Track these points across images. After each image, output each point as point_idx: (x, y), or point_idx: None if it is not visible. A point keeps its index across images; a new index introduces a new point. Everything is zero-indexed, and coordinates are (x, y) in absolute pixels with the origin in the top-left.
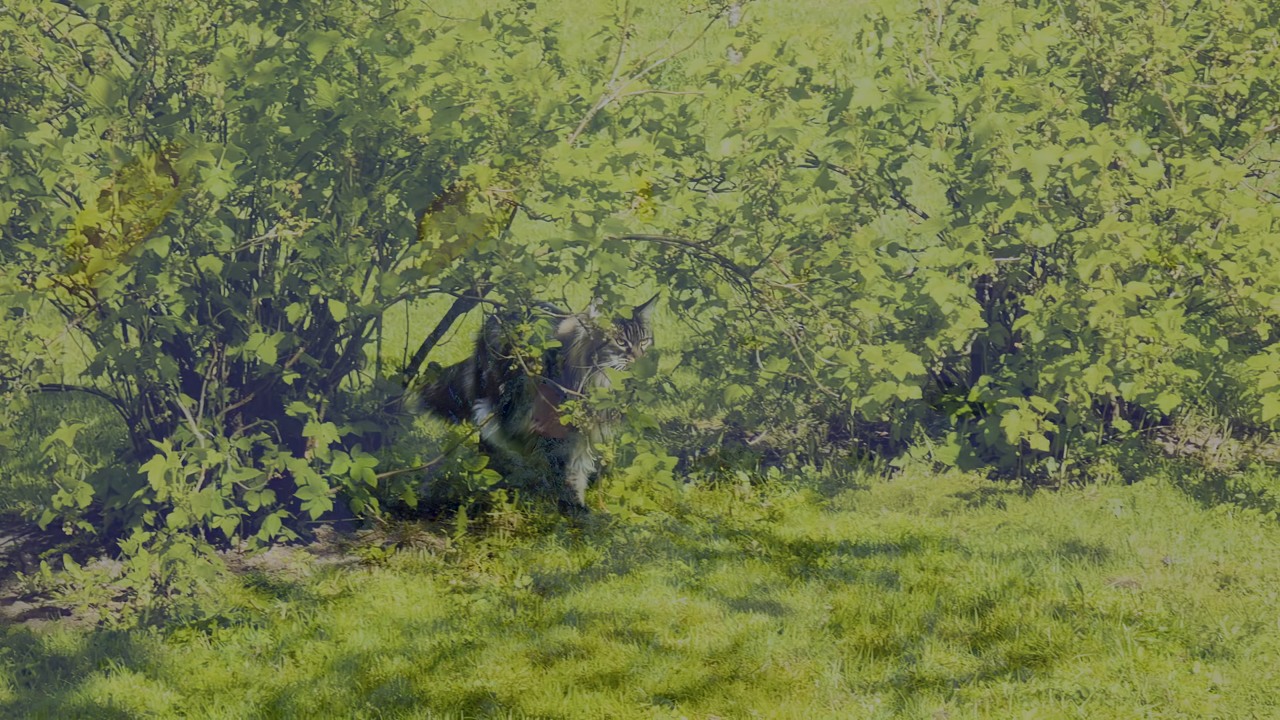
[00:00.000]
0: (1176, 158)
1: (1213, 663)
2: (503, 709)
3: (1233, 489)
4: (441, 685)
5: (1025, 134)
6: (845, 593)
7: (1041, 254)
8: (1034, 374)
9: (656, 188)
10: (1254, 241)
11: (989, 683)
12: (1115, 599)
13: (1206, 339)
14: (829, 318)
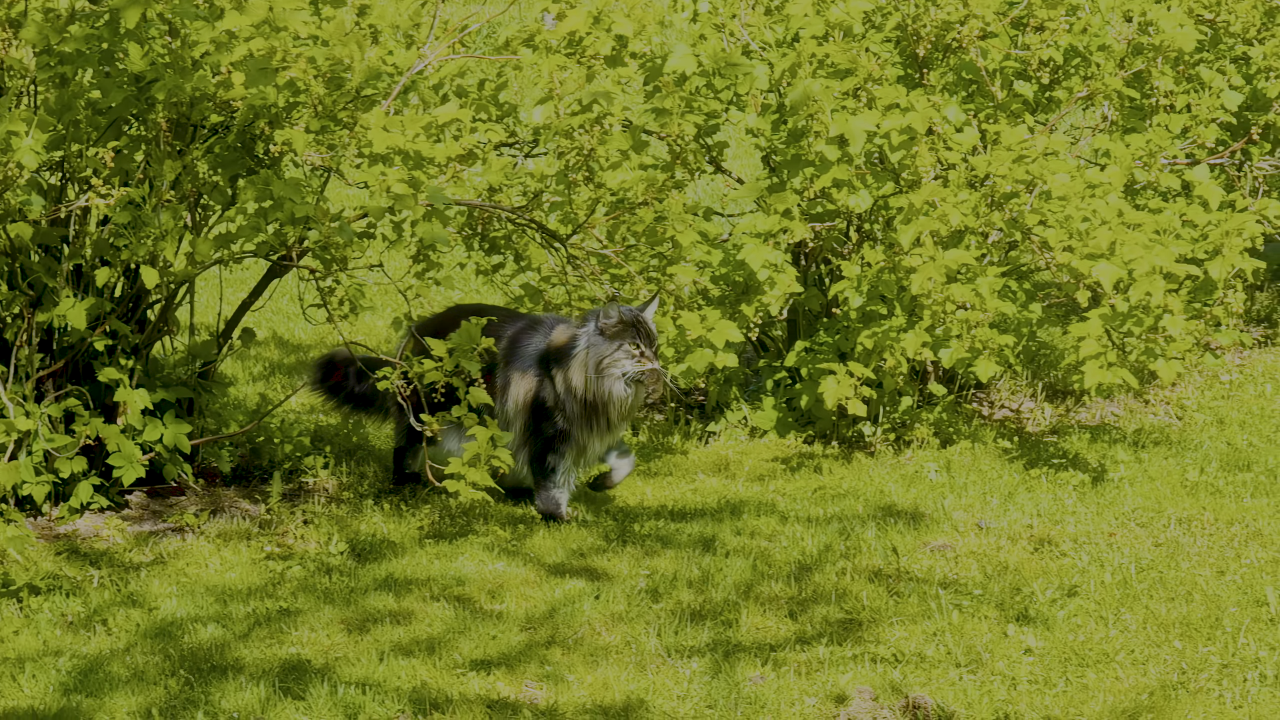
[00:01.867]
0: (991, 124)
1: (1027, 625)
2: (318, 676)
3: (1047, 453)
4: (256, 652)
5: (842, 100)
6: (662, 558)
7: (858, 219)
8: (851, 339)
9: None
10: (1073, 209)
11: (806, 647)
12: (931, 563)
13: (1022, 304)
14: (645, 283)
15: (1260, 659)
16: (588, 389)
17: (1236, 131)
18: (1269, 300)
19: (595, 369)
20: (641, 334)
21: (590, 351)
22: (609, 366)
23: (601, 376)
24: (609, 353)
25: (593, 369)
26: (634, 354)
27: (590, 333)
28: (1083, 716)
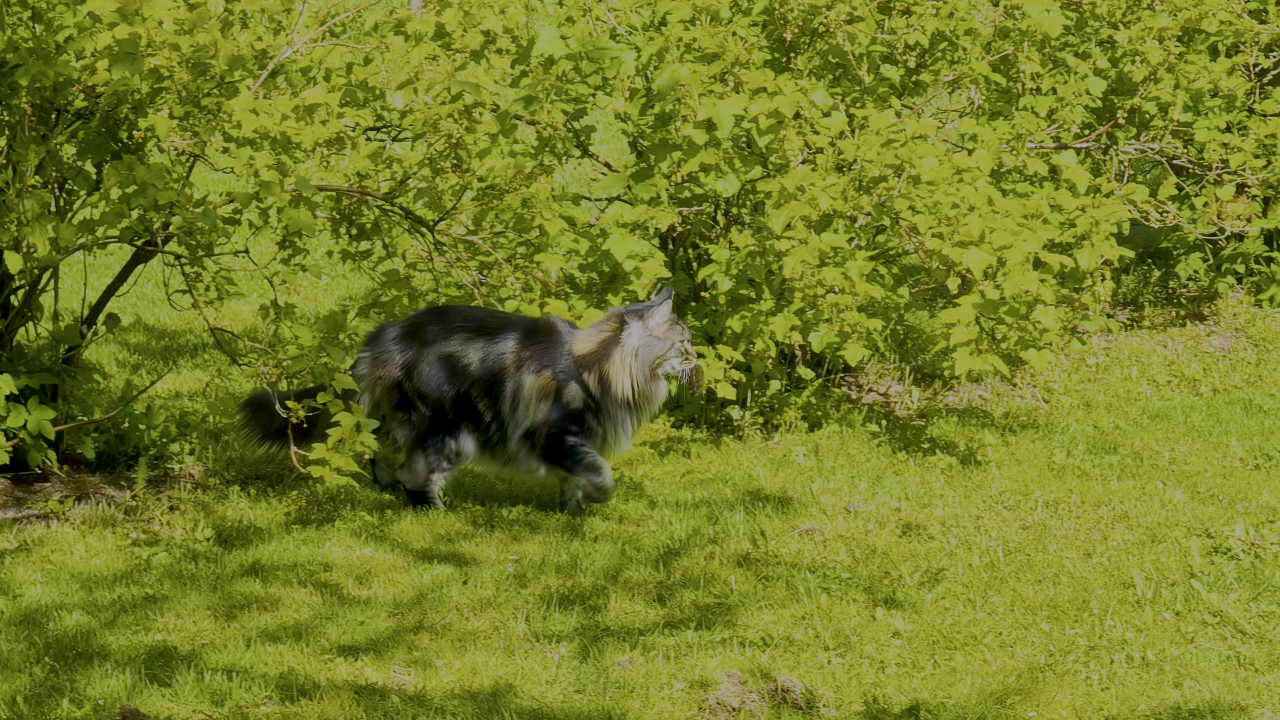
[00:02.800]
0: (859, 108)
1: (895, 609)
2: (184, 663)
3: (915, 436)
4: (122, 639)
5: (709, 84)
6: (530, 543)
7: (726, 204)
8: (720, 323)
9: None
10: (942, 195)
11: (674, 631)
12: (799, 546)
13: (890, 289)
14: (512, 270)
15: (1127, 641)
16: (634, 389)
17: (1102, 115)
18: (1135, 284)
19: (649, 368)
20: (685, 331)
21: (643, 350)
22: (659, 365)
23: (653, 377)
24: (662, 351)
25: (647, 368)
26: (683, 352)
27: (639, 333)
28: (950, 699)
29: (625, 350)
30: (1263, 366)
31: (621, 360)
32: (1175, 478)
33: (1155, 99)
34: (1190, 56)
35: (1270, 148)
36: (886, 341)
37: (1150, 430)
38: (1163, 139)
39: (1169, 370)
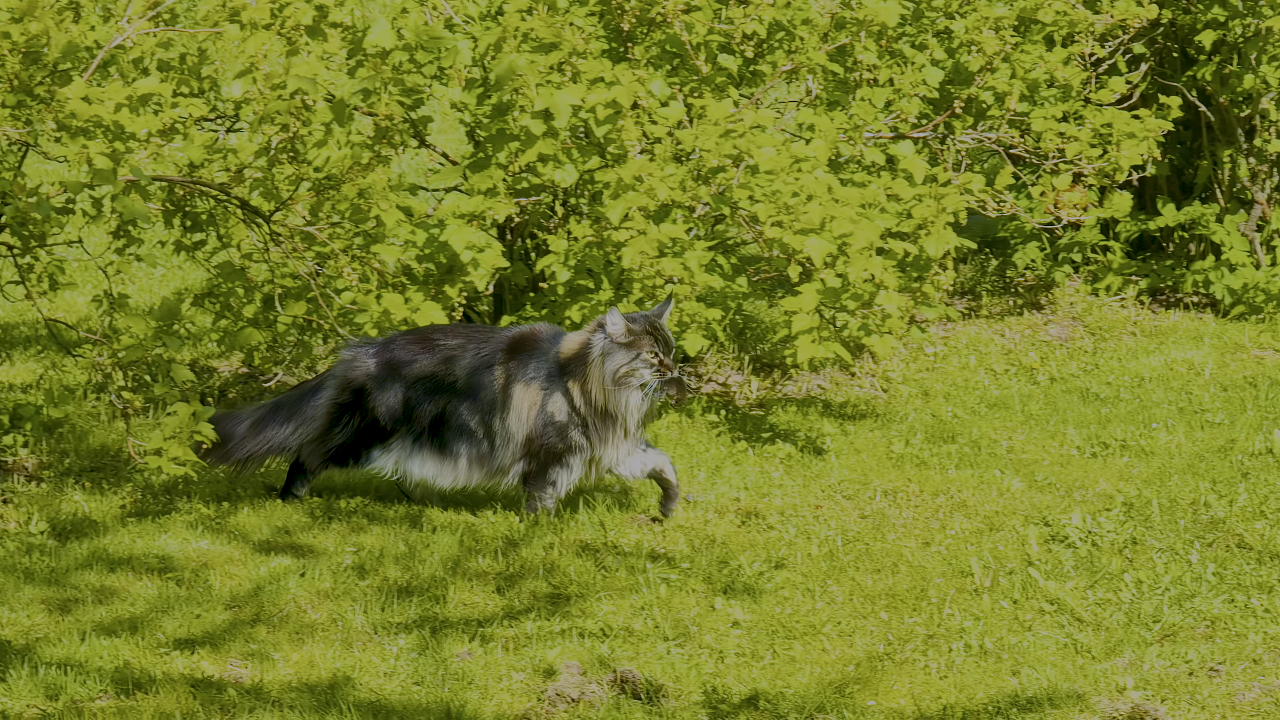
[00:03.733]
0: (697, 98)
1: (734, 598)
2: (18, 657)
3: (754, 426)
4: None
5: (547, 74)
6: (369, 534)
7: (564, 194)
8: (559, 314)
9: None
10: (781, 184)
11: (514, 622)
12: (639, 536)
13: (729, 278)
14: (349, 261)
15: (965, 629)
16: (605, 399)
17: (939, 105)
18: (972, 273)
19: (612, 378)
20: (660, 340)
21: (606, 360)
22: (627, 375)
23: (619, 386)
24: (626, 361)
25: (609, 378)
26: (653, 362)
27: (603, 340)
28: (790, 689)
29: (592, 356)
30: (1099, 355)
31: (590, 367)
32: (1013, 466)
33: (992, 89)
34: (1026, 46)
35: (1106, 137)
36: (726, 331)
37: (988, 419)
38: (999, 128)
39: (1007, 359)
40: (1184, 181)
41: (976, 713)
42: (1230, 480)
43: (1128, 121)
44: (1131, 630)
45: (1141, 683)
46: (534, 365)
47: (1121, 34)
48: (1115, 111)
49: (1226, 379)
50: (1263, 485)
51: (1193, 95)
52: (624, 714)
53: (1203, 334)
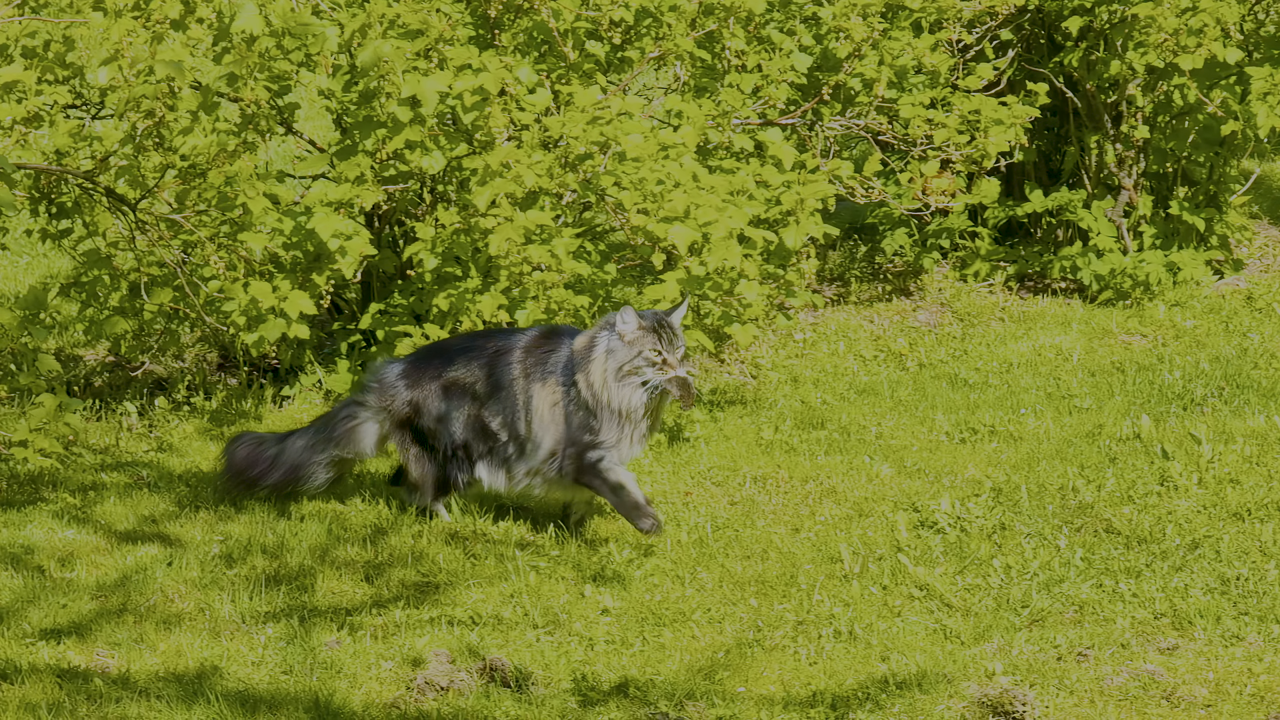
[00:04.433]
0: (564, 85)
1: (604, 586)
2: None
3: None
4: None
5: (414, 61)
6: (237, 523)
7: (432, 181)
8: (427, 301)
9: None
10: (648, 171)
11: (383, 610)
12: (508, 525)
13: (596, 265)
14: (215, 249)
15: (835, 615)
16: (608, 396)
17: (808, 92)
18: (841, 260)
19: (615, 376)
20: (664, 339)
21: (610, 357)
22: (629, 374)
23: (621, 384)
24: (628, 359)
25: (612, 376)
26: (655, 361)
27: (609, 337)
28: (660, 675)
29: (598, 352)
30: (968, 341)
31: (596, 363)
32: (882, 452)
33: (860, 75)
34: (894, 33)
35: (974, 124)
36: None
37: (857, 405)
38: (868, 115)
39: (876, 345)
40: (1051, 168)
41: (846, 698)
42: (1098, 465)
43: (995, 108)
44: (1000, 615)
45: (1010, 668)
46: (551, 363)
47: (989, 20)
48: (983, 98)
49: (1094, 364)
50: (1130, 470)
51: (1060, 81)
52: (493, 702)
53: (1070, 320)
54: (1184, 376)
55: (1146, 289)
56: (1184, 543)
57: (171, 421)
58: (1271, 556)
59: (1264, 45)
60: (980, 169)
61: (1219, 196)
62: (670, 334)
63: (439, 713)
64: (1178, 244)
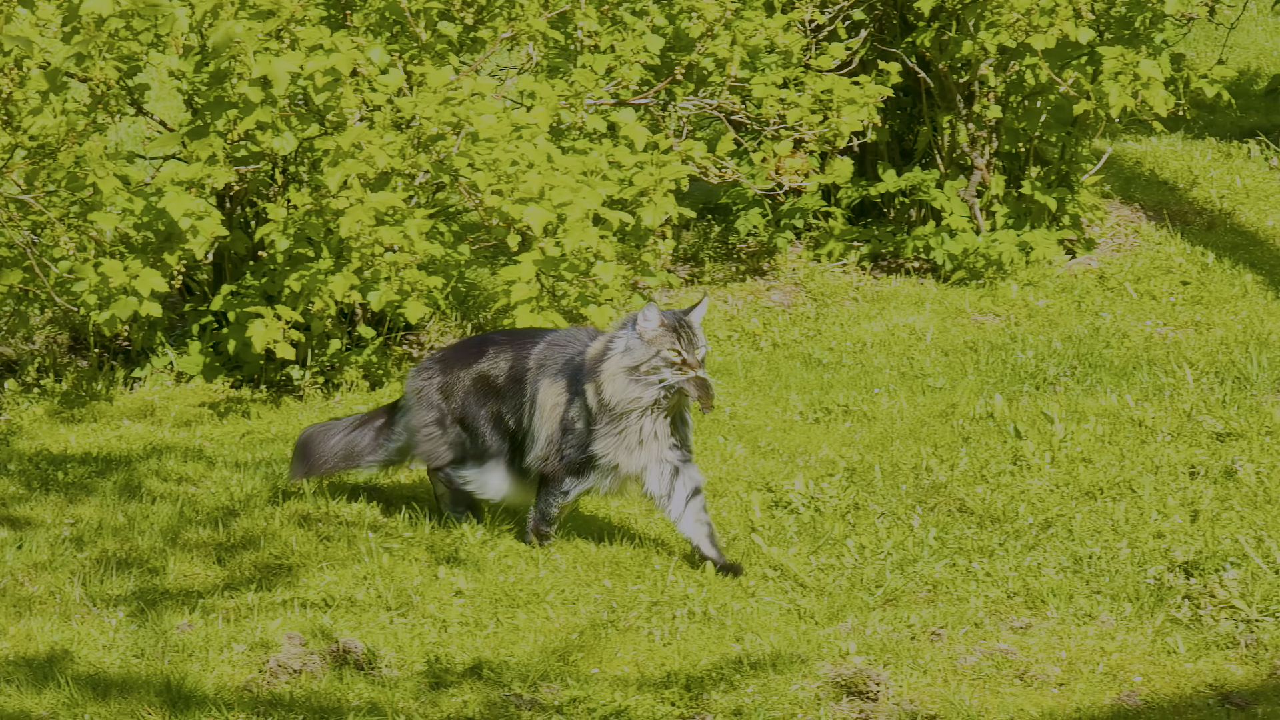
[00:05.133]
0: (416, 65)
1: (458, 568)
2: None
3: None
4: None
5: (265, 41)
6: (87, 506)
7: (284, 162)
8: (279, 282)
9: None
10: (501, 152)
11: (234, 593)
12: (361, 506)
13: (450, 246)
14: (65, 230)
15: (689, 596)
16: (618, 399)
17: (661, 72)
18: (695, 240)
19: (631, 376)
20: (684, 339)
21: (626, 356)
22: (647, 374)
23: (636, 384)
24: (646, 358)
25: (628, 376)
26: (674, 360)
27: (628, 336)
28: (514, 657)
29: (614, 353)
30: (821, 321)
31: (606, 363)
32: (736, 432)
33: (713, 55)
34: (746, 13)
35: (827, 103)
36: (448, 299)
37: None
38: (721, 95)
39: (730, 325)
40: (904, 147)
41: (700, 679)
42: (951, 445)
43: (848, 88)
44: (854, 595)
45: (864, 647)
46: (560, 366)
47: (841, 0)
48: (836, 78)
49: (947, 344)
50: (983, 450)
51: (912, 61)
52: (346, 684)
53: (924, 299)
54: (1036, 356)
55: (999, 268)
56: (1037, 522)
57: (21, 404)
58: (1123, 535)
59: (1115, 25)
60: (833, 149)
61: (1071, 176)
62: (690, 334)
63: (291, 695)
64: (1030, 223)
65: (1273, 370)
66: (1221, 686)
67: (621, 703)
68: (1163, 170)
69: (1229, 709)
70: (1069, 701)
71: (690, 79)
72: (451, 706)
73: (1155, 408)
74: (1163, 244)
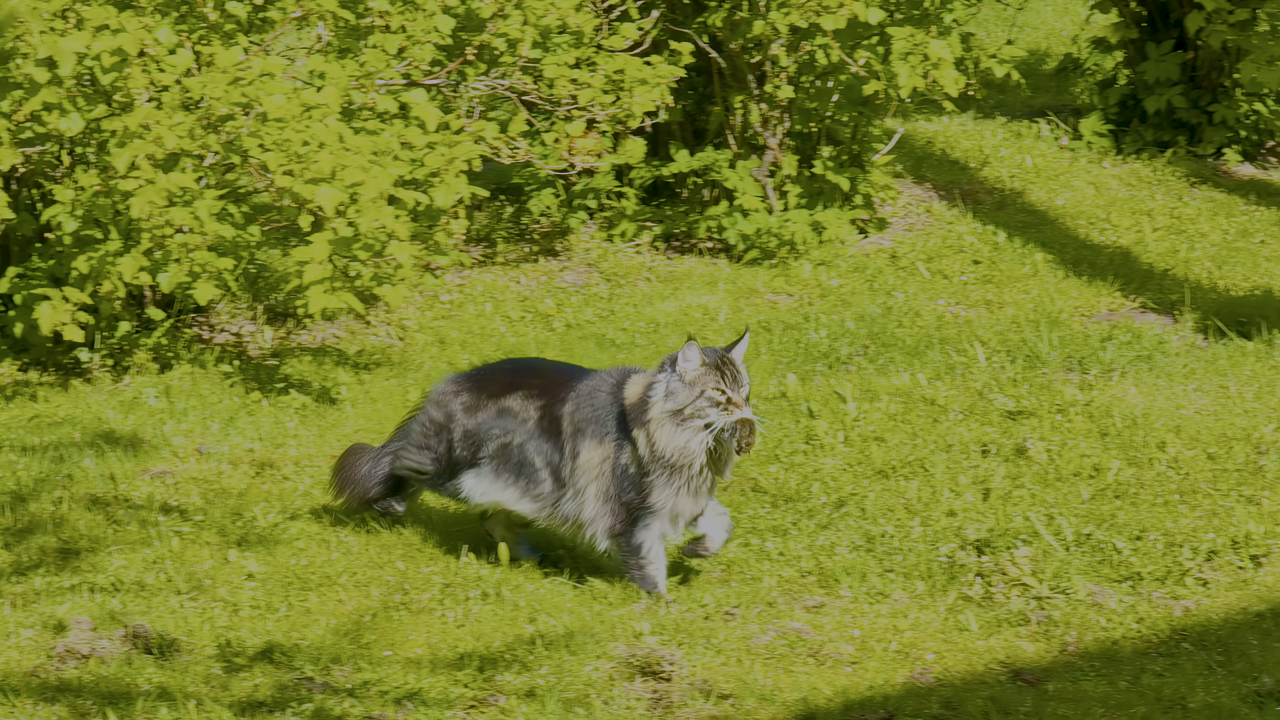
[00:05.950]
0: (205, 45)
1: (249, 550)
2: None
3: (269, 376)
4: None
5: (51, 20)
6: None
7: (70, 143)
8: (66, 264)
9: None
10: (292, 132)
11: (22, 578)
12: (151, 489)
13: (241, 227)
14: None
15: (482, 577)
16: (668, 445)
17: (452, 52)
18: (488, 220)
19: (676, 420)
20: (728, 376)
21: (669, 400)
22: (691, 416)
23: (682, 428)
24: (690, 400)
25: (672, 421)
26: (719, 400)
27: (668, 378)
28: (305, 640)
29: (655, 397)
30: (615, 301)
31: (651, 409)
32: None
33: (504, 35)
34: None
35: (619, 84)
36: (239, 281)
37: None
38: (512, 75)
39: (523, 306)
40: (697, 128)
41: (494, 660)
42: None
43: (640, 68)
44: None
45: (658, 628)
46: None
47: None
48: (628, 58)
49: (741, 324)
50: (776, 429)
51: (704, 41)
52: (136, 669)
53: (717, 279)
54: (829, 335)
55: (792, 248)
56: (830, 501)
57: None
58: (916, 513)
59: (905, 6)
60: (626, 129)
61: (863, 156)
62: (734, 371)
63: (80, 680)
64: (822, 203)
65: (1063, 348)
66: (1013, 663)
67: (414, 685)
68: (954, 150)
69: (1020, 685)
70: (862, 680)
71: (482, 59)
72: (243, 690)
73: (947, 386)
74: (954, 223)
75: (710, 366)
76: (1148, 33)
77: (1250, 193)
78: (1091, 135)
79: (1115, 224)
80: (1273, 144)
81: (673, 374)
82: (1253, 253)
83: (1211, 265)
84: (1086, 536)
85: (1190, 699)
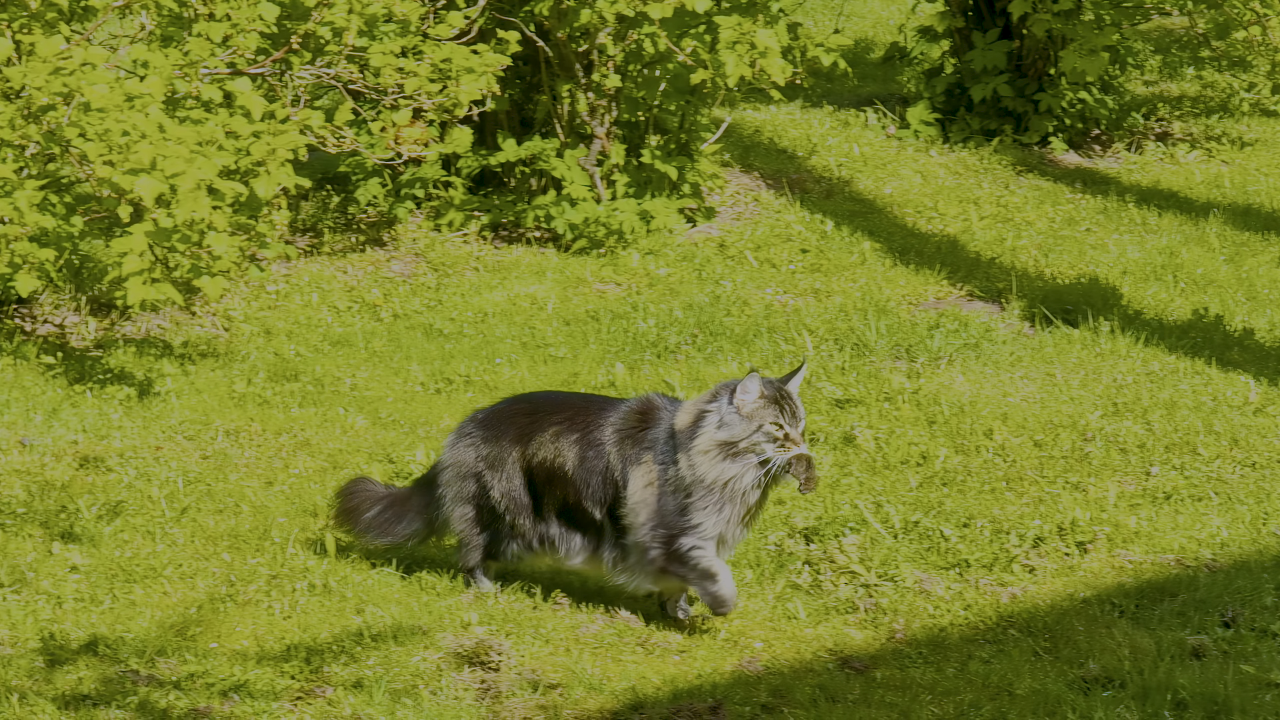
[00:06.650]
0: (26, 34)
1: (73, 543)
2: None
3: (92, 368)
4: None
5: None
6: None
7: None
8: None
9: None
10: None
11: None
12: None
13: (63, 218)
14: None
15: (309, 568)
16: (716, 477)
17: (278, 41)
18: (314, 210)
19: (725, 452)
20: (786, 411)
21: (722, 430)
22: (746, 450)
23: (734, 461)
24: (746, 434)
25: (722, 453)
26: (776, 435)
27: (723, 409)
28: (130, 632)
29: (707, 426)
30: (442, 291)
31: (705, 438)
32: (357, 404)
33: (330, 24)
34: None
35: (445, 73)
36: (61, 272)
37: (331, 357)
38: (338, 64)
39: (350, 296)
40: (525, 116)
41: (321, 651)
42: None
43: (467, 56)
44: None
45: (486, 618)
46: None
47: None
48: (454, 46)
49: (569, 313)
50: None
51: (531, 30)
52: None
53: (545, 269)
54: (658, 324)
55: (620, 237)
56: None
57: None
58: None
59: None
60: (453, 118)
61: (690, 145)
62: (792, 405)
63: None
64: (651, 192)
65: (891, 337)
66: (841, 651)
67: (240, 677)
68: (782, 139)
69: (848, 673)
70: (690, 669)
71: (308, 48)
72: (67, 684)
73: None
74: (782, 212)
75: (769, 400)
76: (974, 22)
77: (1075, 181)
78: (919, 124)
79: (942, 212)
80: (1097, 132)
81: (729, 405)
82: (1078, 240)
83: (1038, 253)
84: (914, 524)
85: (1017, 685)
